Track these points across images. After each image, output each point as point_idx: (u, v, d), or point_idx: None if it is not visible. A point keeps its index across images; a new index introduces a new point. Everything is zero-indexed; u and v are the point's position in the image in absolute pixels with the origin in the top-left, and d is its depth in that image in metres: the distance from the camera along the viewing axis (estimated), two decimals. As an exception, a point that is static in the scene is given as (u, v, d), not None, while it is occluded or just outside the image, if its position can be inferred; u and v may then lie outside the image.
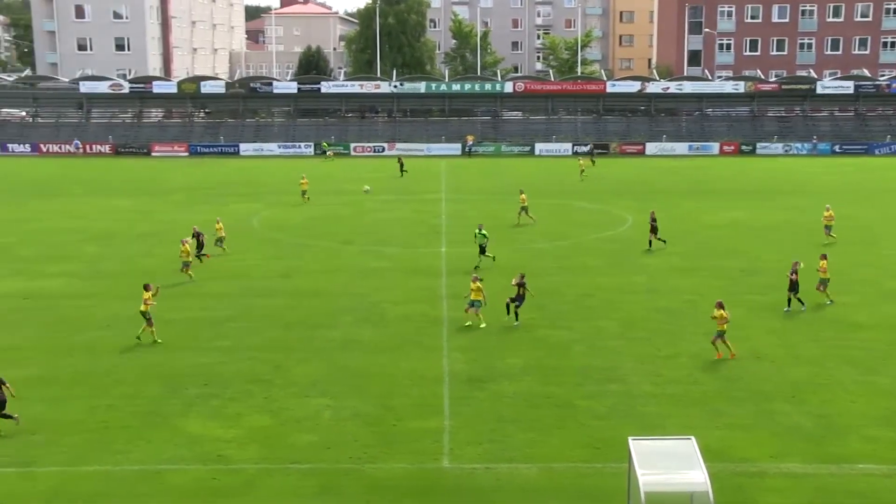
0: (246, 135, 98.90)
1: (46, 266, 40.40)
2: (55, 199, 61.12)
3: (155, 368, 26.78)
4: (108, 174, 76.19)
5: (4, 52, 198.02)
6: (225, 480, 19.68)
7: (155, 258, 41.98)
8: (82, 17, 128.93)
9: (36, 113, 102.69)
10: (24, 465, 20.32)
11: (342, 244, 45.65)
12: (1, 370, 26.20)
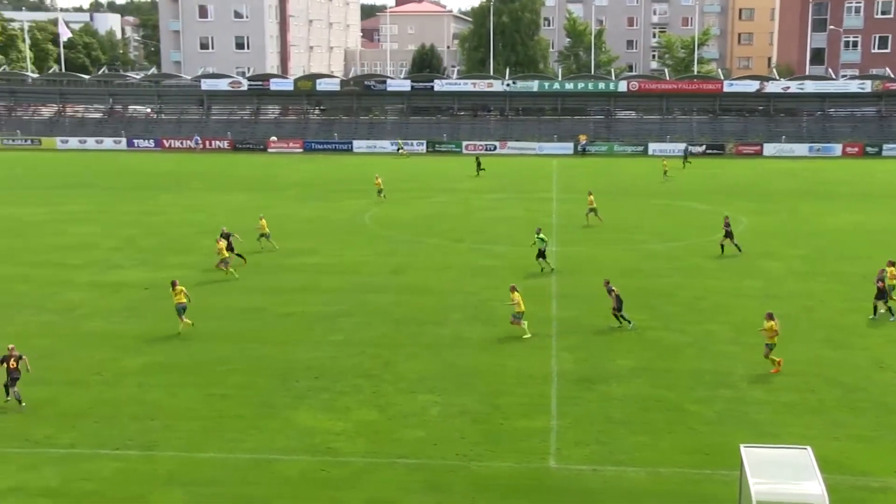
0: (359, 132, 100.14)
1: (167, 257, 41.64)
2: (176, 193, 62.94)
3: (268, 360, 27.33)
4: (225, 169, 78.10)
5: (133, 52, 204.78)
6: (333, 472, 19.97)
7: (268, 253, 42.82)
8: (205, 16, 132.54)
9: (160, 110, 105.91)
10: (145, 449, 21.01)
11: (452, 242, 45.83)
12: (126, 357, 27.25)
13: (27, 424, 22.40)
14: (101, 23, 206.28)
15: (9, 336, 29.55)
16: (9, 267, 39.59)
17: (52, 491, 19.03)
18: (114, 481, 19.47)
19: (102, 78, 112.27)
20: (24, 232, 47.41)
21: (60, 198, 59.51)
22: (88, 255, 41.79)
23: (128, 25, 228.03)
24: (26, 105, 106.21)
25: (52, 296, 34.74)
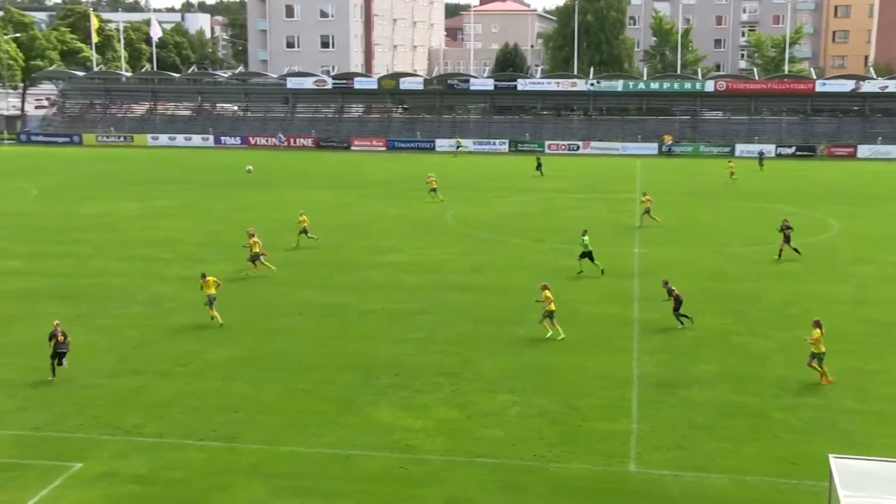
0: (442, 131, 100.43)
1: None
2: (261, 189, 63.89)
3: (349, 356, 27.60)
4: (309, 167, 79.05)
5: (221, 51, 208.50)
6: (412, 470, 20.08)
7: (350, 249, 43.24)
8: (292, 16, 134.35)
9: (246, 107, 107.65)
10: (228, 440, 21.40)
11: (533, 241, 45.71)
12: (211, 350, 27.79)
13: (118, 413, 23.00)
14: (192, 23, 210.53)
15: (103, 327, 30.44)
16: (103, 260, 40.68)
17: (141, 478, 19.52)
18: (199, 471, 19.88)
19: (192, 76, 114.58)
20: (117, 227, 48.63)
21: (151, 193, 60.91)
22: (176, 250, 42.71)
23: (217, 25, 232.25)
24: (120, 103, 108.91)
25: (143, 289, 35.61)
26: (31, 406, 23.51)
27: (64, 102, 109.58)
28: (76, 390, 24.63)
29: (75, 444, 21.14)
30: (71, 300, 33.76)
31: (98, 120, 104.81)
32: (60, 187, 64.39)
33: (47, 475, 19.54)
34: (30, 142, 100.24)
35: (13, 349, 28.07)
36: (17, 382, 25.25)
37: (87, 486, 19.10)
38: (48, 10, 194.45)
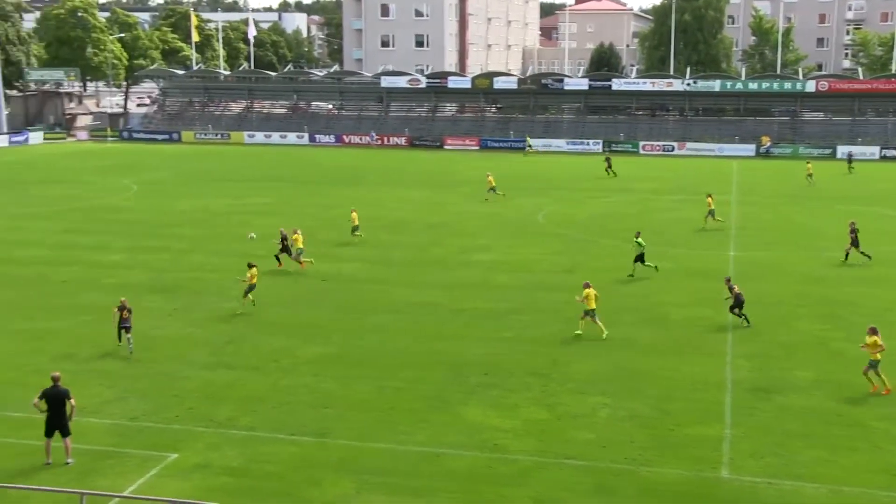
0: (535, 130, 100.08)
1: (343, 250, 42.76)
2: (354, 187, 64.52)
3: (440, 355, 27.68)
4: (402, 165, 79.54)
5: (317, 50, 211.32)
6: (500, 469, 20.04)
7: (444, 248, 43.37)
8: (387, 15, 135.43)
9: (341, 106, 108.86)
10: (319, 436, 21.65)
11: (626, 242, 45.17)
12: (303, 346, 28.17)
13: (212, 406, 23.46)
14: (289, 22, 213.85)
15: (198, 321, 31.09)
16: (199, 255, 41.54)
17: (234, 470, 19.87)
18: (290, 465, 20.15)
19: (288, 75, 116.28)
20: (212, 222, 49.61)
21: (246, 190, 61.99)
22: (270, 247, 43.32)
23: (313, 24, 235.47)
24: (218, 101, 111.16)
25: (237, 284, 36.21)
26: (129, 396, 24.13)
27: (164, 100, 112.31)
28: (173, 382, 25.20)
29: (171, 435, 21.63)
30: (168, 294, 34.55)
31: (196, 117, 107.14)
32: (159, 183, 66.00)
33: (144, 464, 20.03)
34: (131, 139, 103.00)
35: (113, 340, 28.82)
36: (116, 373, 25.94)
37: (182, 476, 19.52)
38: (151, 10, 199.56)
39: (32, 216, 51.46)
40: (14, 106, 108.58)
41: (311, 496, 18.80)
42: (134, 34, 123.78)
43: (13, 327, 30.26)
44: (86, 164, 78.20)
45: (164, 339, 29.07)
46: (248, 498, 17.58)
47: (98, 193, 60.58)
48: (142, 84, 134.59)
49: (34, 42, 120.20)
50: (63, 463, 19.94)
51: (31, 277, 36.86)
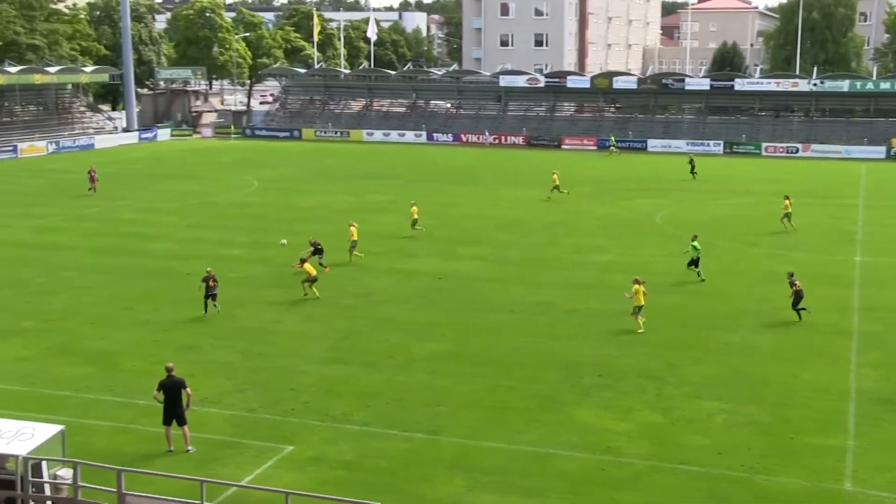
0: (654, 131, 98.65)
1: (460, 249, 42.92)
2: (471, 186, 64.68)
3: (553, 355, 27.56)
4: (519, 164, 79.37)
5: (437, 49, 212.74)
6: (612, 472, 19.84)
7: (559, 247, 43.15)
8: (507, 14, 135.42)
9: (459, 105, 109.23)
10: (431, 433, 21.80)
11: (747, 246, 44.22)
12: (418, 343, 28.39)
13: (328, 400, 23.86)
14: (409, 21, 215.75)
15: (316, 316, 31.63)
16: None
17: (348, 464, 20.17)
18: (402, 461, 20.34)
19: (407, 74, 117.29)
20: (331, 219, 50.37)
21: (364, 188, 62.79)
22: (387, 243, 43.84)
23: (433, 23, 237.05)
24: (338, 99, 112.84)
25: (354, 281, 36.75)
26: (248, 389, 24.72)
27: (286, 98, 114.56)
28: (290, 376, 25.70)
29: (287, 428, 22.07)
30: (287, 289, 35.23)
31: (317, 115, 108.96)
32: (280, 180, 67.38)
33: (261, 455, 20.50)
34: (254, 136, 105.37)
35: (233, 334, 29.59)
36: (236, 366, 26.61)
37: (298, 468, 19.90)
38: (275, 10, 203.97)
39: (160, 210, 53.18)
40: (144, 103, 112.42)
41: (422, 492, 18.94)
42: (258, 33, 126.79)
43: (142, 318, 31.34)
44: (210, 160, 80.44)
45: (283, 334, 29.68)
46: (361, 492, 17.81)
47: (221, 189, 62.22)
48: (265, 82, 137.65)
49: (164, 42, 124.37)
50: (183, 450, 20.56)
51: (159, 270, 38.11)
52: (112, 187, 61.77)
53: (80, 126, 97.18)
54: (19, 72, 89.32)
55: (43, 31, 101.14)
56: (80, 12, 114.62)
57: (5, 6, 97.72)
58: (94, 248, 42.53)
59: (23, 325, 30.44)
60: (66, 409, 22.90)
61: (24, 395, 24.05)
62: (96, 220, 50.23)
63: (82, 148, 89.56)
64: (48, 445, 16.86)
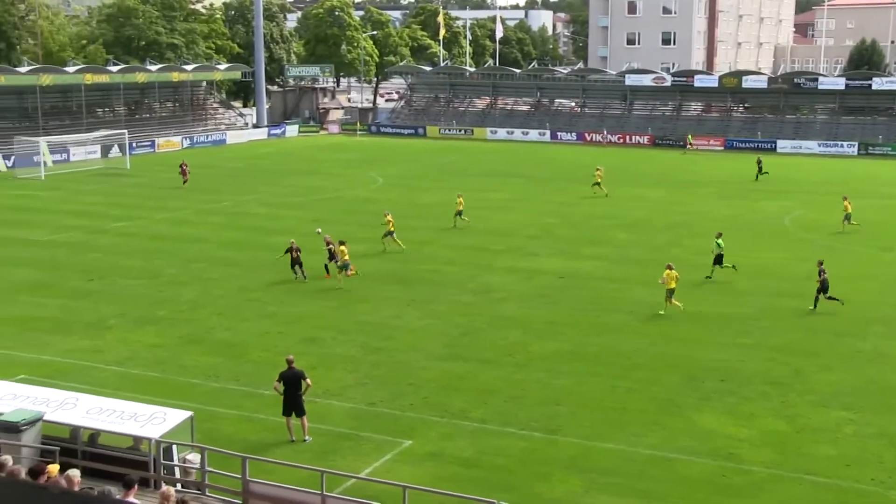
0: (784, 131, 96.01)
1: (581, 248, 42.65)
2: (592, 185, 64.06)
3: (674, 358, 27.16)
4: (643, 164, 78.33)
5: (562, 47, 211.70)
6: (734, 479, 19.44)
7: (681, 248, 42.44)
8: (634, 13, 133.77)
9: (584, 104, 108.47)
10: (549, 432, 21.75)
11: (879, 251, 42.67)
12: (537, 342, 28.36)
13: (446, 396, 24.04)
14: (535, 20, 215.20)
15: (435, 313, 31.89)
16: (438, 248, 42.59)
17: (465, 461, 20.30)
18: (519, 459, 20.36)
19: (532, 72, 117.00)
20: (451, 216, 50.62)
21: (486, 185, 62.92)
22: (508, 242, 43.86)
23: (559, 22, 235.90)
24: (463, 97, 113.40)
25: (474, 278, 36.91)
26: (368, 382, 25.11)
27: (411, 96, 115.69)
28: (409, 371, 25.99)
29: (406, 423, 22.33)
30: (407, 284, 35.62)
31: (441, 113, 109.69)
32: (403, 176, 68.09)
33: (380, 448, 20.80)
34: (379, 133, 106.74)
35: (355, 328, 30.07)
36: (357, 359, 27.05)
37: (415, 462, 20.13)
38: (402, 8, 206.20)
39: (286, 205, 54.40)
40: (274, 100, 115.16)
41: (539, 491, 18.92)
42: (385, 32, 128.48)
43: (267, 310, 32.14)
44: (336, 156, 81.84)
45: (403, 329, 30.03)
46: (478, 489, 17.88)
47: (346, 185, 63.26)
48: (390, 80, 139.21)
49: (295, 40, 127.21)
50: (301, 440, 21.02)
51: (283, 264, 38.96)
52: (240, 182, 63.53)
53: (212, 122, 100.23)
54: (159, 70, 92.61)
55: (181, 31, 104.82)
56: (216, 12, 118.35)
57: (148, 7, 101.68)
58: (223, 241, 43.82)
59: (157, 314, 31.60)
60: (194, 395, 23.68)
61: (156, 381, 24.98)
62: (225, 214, 51.73)
63: (215, 143, 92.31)
64: (178, 430, 17.46)
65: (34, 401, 18.01)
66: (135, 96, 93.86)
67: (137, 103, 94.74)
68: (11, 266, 38.49)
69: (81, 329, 29.81)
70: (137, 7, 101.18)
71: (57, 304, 32.81)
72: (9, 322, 30.58)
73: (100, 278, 36.54)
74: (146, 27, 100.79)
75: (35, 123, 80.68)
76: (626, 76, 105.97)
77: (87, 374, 25.41)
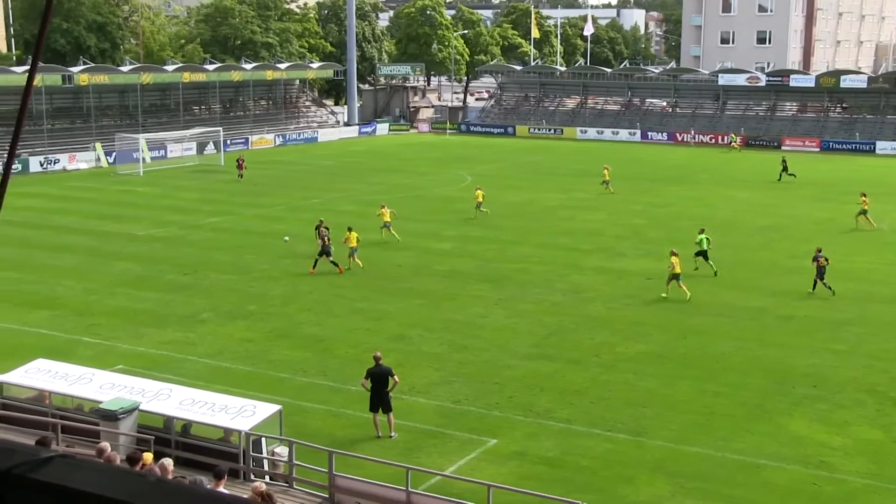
0: (885, 132, 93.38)
1: (669, 249, 42.04)
2: (684, 185, 63.31)
3: (764, 362, 26.68)
4: (735, 165, 77.00)
5: (654, 46, 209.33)
6: (825, 488, 19.03)
7: (773, 251, 41.65)
8: (728, 11, 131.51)
9: (675, 103, 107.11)
10: (634, 434, 21.58)
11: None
12: (624, 343, 28.15)
13: (531, 395, 24.02)
14: (627, 18, 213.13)
15: (523, 312, 31.87)
16: (525, 247, 42.53)
17: (550, 460, 20.26)
18: (604, 460, 20.24)
19: (623, 71, 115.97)
20: (541, 216, 50.57)
21: (574, 185, 62.60)
22: (596, 242, 43.58)
23: (651, 21, 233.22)
24: (553, 96, 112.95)
25: (562, 277, 36.77)
26: (454, 380, 25.21)
27: (501, 95, 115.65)
28: (495, 370, 26.02)
29: (491, 421, 22.38)
30: (494, 283, 35.66)
31: (531, 112, 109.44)
32: (491, 175, 68.08)
33: (465, 447, 20.89)
34: (468, 131, 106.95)
35: (442, 326, 30.21)
36: (443, 357, 27.19)
37: (500, 461, 20.16)
38: (494, 7, 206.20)
39: (375, 203, 54.89)
40: (365, 99, 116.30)
41: (624, 493, 18.79)
42: (476, 31, 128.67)
43: (355, 306, 32.51)
44: (425, 154, 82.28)
45: (489, 328, 30.07)
46: (562, 489, 17.84)
47: (434, 183, 63.57)
48: (480, 79, 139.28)
49: (386, 39, 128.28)
50: (387, 436, 21.23)
51: (371, 260, 39.35)
52: (331, 180, 64.31)
53: (304, 120, 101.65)
54: (253, 68, 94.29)
55: (276, 30, 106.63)
56: (310, 11, 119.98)
57: (245, 7, 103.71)
58: (313, 237, 44.38)
59: (247, 309, 32.21)
60: (283, 390, 24.08)
61: (246, 375, 25.48)
62: (315, 210, 52.38)
63: (306, 141, 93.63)
64: (267, 423, 17.81)
65: (131, 391, 18.56)
66: (230, 94, 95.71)
67: (232, 101, 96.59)
68: (114, 259, 39.67)
69: (176, 322, 30.57)
70: (234, 7, 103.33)
71: (154, 297, 33.70)
72: (110, 314, 31.52)
73: (194, 272, 37.42)
74: (242, 26, 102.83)
75: (135, 121, 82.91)
76: (719, 76, 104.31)
77: (181, 366, 26.05)
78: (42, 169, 69.66)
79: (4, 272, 36.22)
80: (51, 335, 28.94)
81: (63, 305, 32.58)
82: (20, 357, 22.90)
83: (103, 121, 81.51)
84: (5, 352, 26.08)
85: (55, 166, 70.88)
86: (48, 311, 31.73)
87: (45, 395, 19.11)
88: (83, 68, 78.84)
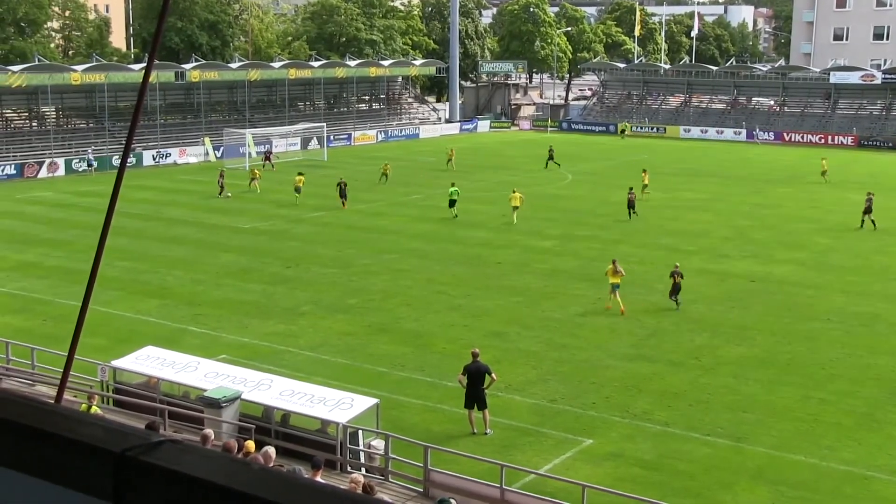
0: None
1: (776, 252, 41.20)
2: (793, 186, 61.82)
3: (874, 370, 25.90)
4: (847, 166, 74.82)
5: (763, 43, 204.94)
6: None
7: (888, 256, 40.37)
8: (843, 6, 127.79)
9: (783, 102, 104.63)
10: (735, 440, 21.18)
11: None
12: (725, 346, 27.67)
13: (629, 396, 23.78)
14: (735, 15, 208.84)
15: (628, 312, 31.53)
16: (627, 247, 42.03)
17: (646, 463, 20.02)
18: (703, 465, 19.91)
19: (729, 69, 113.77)
20: (643, 215, 49.91)
21: (678, 185, 61.67)
22: (700, 242, 42.88)
23: (760, 17, 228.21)
24: (656, 94, 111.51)
25: (664, 278, 36.18)
26: (551, 379, 25.11)
27: (604, 93, 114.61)
28: (593, 370, 25.83)
29: (587, 421, 22.22)
30: (595, 282, 35.29)
31: (633, 110, 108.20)
32: (593, 174, 67.56)
33: (560, 446, 20.79)
34: (570, 129, 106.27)
35: (540, 324, 30.12)
36: (541, 355, 27.09)
37: (595, 462, 20.00)
38: (597, 4, 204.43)
39: (477, 200, 54.96)
40: (467, 96, 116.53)
41: (722, 499, 18.47)
42: (580, 28, 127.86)
43: (454, 302, 32.64)
44: (526, 152, 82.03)
45: (589, 327, 29.86)
46: (658, 492, 17.62)
47: (536, 181, 63.31)
48: (583, 76, 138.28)
49: (489, 36, 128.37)
50: (483, 433, 21.24)
51: (472, 257, 39.47)
52: (432, 176, 64.63)
53: (406, 116, 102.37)
54: (357, 65, 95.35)
55: (380, 27, 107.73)
56: (414, 9, 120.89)
57: (350, 5, 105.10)
58: (414, 233, 44.74)
59: (348, 303, 32.62)
60: (381, 383, 24.31)
61: (345, 368, 25.80)
62: (417, 206, 52.78)
63: (408, 137, 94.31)
64: (364, 416, 18.02)
65: (234, 380, 19.01)
66: (334, 90, 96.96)
67: (336, 97, 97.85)
68: (220, 251, 40.62)
69: (278, 314, 31.14)
70: (340, 5, 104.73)
71: (258, 289, 34.39)
72: (216, 304, 32.30)
73: (296, 266, 38.05)
74: (347, 24, 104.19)
75: (242, 116, 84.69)
76: (830, 73, 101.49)
77: (282, 358, 26.52)
78: (154, 162, 71.72)
79: (121, 262, 37.39)
80: (160, 323, 29.80)
81: (172, 295, 33.51)
82: (133, 343, 23.71)
83: (212, 116, 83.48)
84: (120, 338, 26.95)
85: (167, 160, 72.92)
86: (158, 300, 32.68)
87: (154, 382, 19.71)
88: (195, 65, 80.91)
